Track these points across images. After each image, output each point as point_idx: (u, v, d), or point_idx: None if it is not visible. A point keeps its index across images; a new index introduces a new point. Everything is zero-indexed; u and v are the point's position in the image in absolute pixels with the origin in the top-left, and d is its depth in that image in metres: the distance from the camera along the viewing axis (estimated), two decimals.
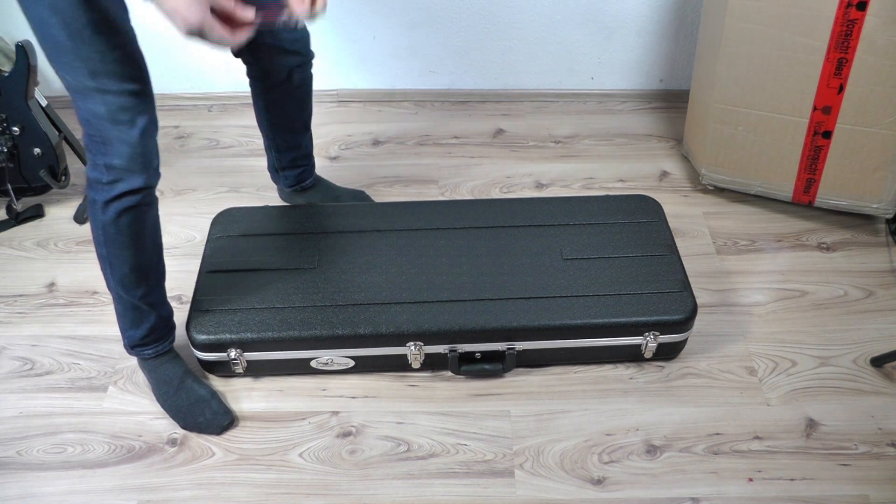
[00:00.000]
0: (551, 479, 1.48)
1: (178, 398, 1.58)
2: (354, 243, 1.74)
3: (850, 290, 1.82)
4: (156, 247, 1.47)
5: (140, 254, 1.43)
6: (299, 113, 1.83)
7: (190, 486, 1.48)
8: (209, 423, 1.56)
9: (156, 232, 1.45)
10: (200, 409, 1.57)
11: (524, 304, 1.60)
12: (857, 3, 1.62)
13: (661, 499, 1.45)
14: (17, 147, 1.94)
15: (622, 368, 1.67)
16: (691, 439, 1.54)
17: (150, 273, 1.48)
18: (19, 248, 1.98)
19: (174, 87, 2.43)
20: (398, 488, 1.47)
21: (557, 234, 1.75)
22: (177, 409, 1.58)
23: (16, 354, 1.72)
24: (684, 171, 2.18)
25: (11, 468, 1.52)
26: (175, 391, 1.58)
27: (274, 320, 1.58)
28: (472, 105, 2.44)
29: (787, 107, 1.82)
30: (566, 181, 2.15)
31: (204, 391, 1.59)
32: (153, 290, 1.51)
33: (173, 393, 1.58)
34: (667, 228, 1.77)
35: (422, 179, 2.17)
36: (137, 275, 1.45)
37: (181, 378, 1.59)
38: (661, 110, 2.41)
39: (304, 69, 1.74)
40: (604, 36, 2.31)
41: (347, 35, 2.32)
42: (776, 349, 1.70)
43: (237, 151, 2.28)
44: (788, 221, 2.01)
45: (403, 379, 1.66)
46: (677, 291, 1.62)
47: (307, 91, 1.80)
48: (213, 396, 1.59)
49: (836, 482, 1.47)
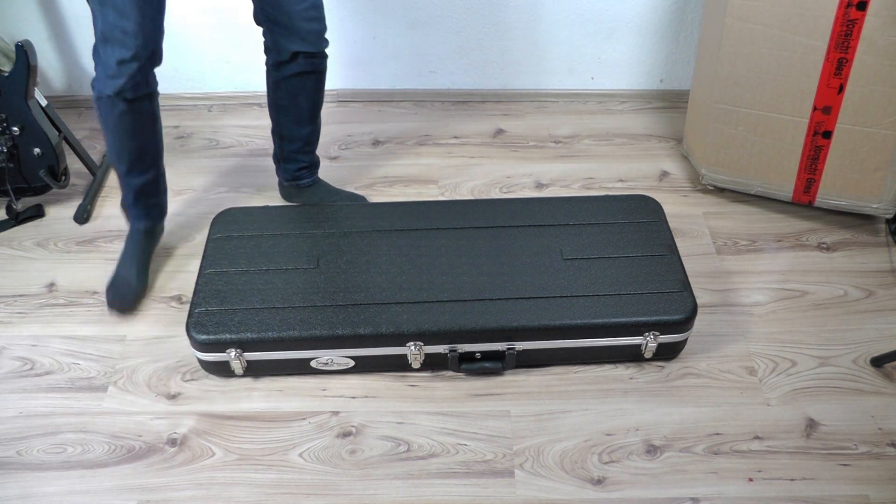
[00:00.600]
0: (551, 479, 1.48)
1: (120, 267, 1.83)
2: (354, 243, 1.74)
3: (850, 290, 1.82)
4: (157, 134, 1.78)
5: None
6: (304, 101, 1.84)
7: (190, 486, 1.48)
8: (112, 294, 1.80)
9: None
10: (119, 284, 1.80)
11: (524, 304, 1.60)
12: (857, 3, 1.62)
13: (661, 499, 1.45)
14: (17, 147, 1.94)
15: (622, 368, 1.67)
16: (691, 439, 1.54)
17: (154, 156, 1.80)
18: (19, 248, 1.98)
19: (174, 87, 2.43)
20: (398, 488, 1.47)
21: (557, 234, 1.75)
22: (113, 274, 1.83)
23: (16, 354, 1.72)
24: (684, 171, 2.18)
25: (11, 468, 1.52)
26: (124, 262, 1.83)
27: (274, 320, 1.58)
28: (472, 105, 2.44)
29: (787, 107, 1.82)
30: (566, 181, 2.15)
31: (134, 275, 1.81)
32: (156, 172, 1.82)
33: (121, 262, 1.83)
34: (667, 228, 1.77)
35: (422, 179, 2.17)
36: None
37: (134, 255, 1.84)
38: (661, 110, 2.41)
39: (312, 58, 1.76)
40: (604, 36, 2.31)
41: (347, 35, 2.32)
42: (776, 349, 1.70)
43: (237, 151, 2.28)
44: (788, 221, 2.01)
45: (403, 379, 1.66)
46: (677, 291, 1.62)
47: (314, 82, 1.81)
48: (139, 284, 1.82)
49: (836, 482, 1.47)
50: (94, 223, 2.05)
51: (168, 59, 2.35)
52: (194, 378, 1.67)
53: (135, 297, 1.81)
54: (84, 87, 2.40)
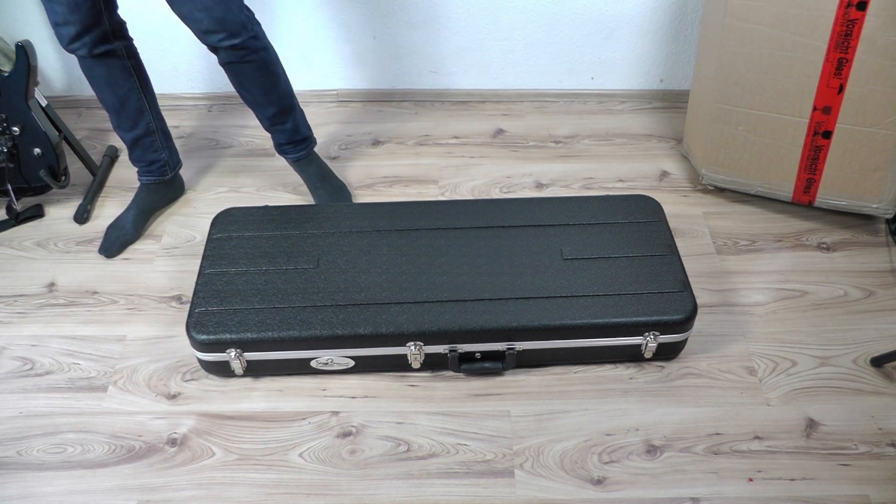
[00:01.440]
0: (551, 479, 1.48)
1: (117, 220, 2.00)
2: (354, 243, 1.74)
3: (850, 290, 1.82)
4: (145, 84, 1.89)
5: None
6: (250, 85, 1.82)
7: (190, 486, 1.48)
8: (104, 239, 1.95)
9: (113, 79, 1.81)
10: (113, 228, 1.97)
11: (524, 304, 1.60)
12: (857, 3, 1.62)
13: (661, 499, 1.45)
14: (17, 147, 1.94)
15: (622, 368, 1.67)
16: (691, 439, 1.54)
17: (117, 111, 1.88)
18: (19, 248, 1.98)
19: (174, 87, 2.43)
20: (398, 488, 1.47)
21: (557, 234, 1.75)
22: (110, 224, 1.99)
23: (16, 354, 1.73)
24: (684, 171, 2.18)
25: (11, 468, 1.52)
26: (122, 215, 2.00)
27: (274, 320, 1.58)
28: (472, 105, 2.44)
29: (787, 107, 1.82)
30: (566, 181, 2.15)
31: (128, 221, 1.98)
32: (125, 126, 1.91)
33: (121, 215, 2.00)
34: (667, 228, 1.77)
35: (422, 179, 2.17)
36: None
37: (131, 207, 2.00)
38: (661, 110, 2.41)
39: (231, 48, 1.71)
40: (604, 36, 2.31)
41: (347, 35, 2.32)
42: (776, 349, 1.70)
43: (237, 151, 2.28)
44: (788, 221, 2.01)
45: (403, 379, 1.66)
46: (677, 291, 1.62)
47: (251, 69, 1.78)
48: (134, 231, 1.97)
49: (836, 482, 1.47)
50: (94, 223, 2.05)
51: (168, 59, 2.36)
52: (194, 378, 1.67)
53: (122, 243, 1.96)
54: (84, 87, 2.40)
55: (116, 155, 2.26)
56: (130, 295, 1.85)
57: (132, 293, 1.85)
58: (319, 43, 2.34)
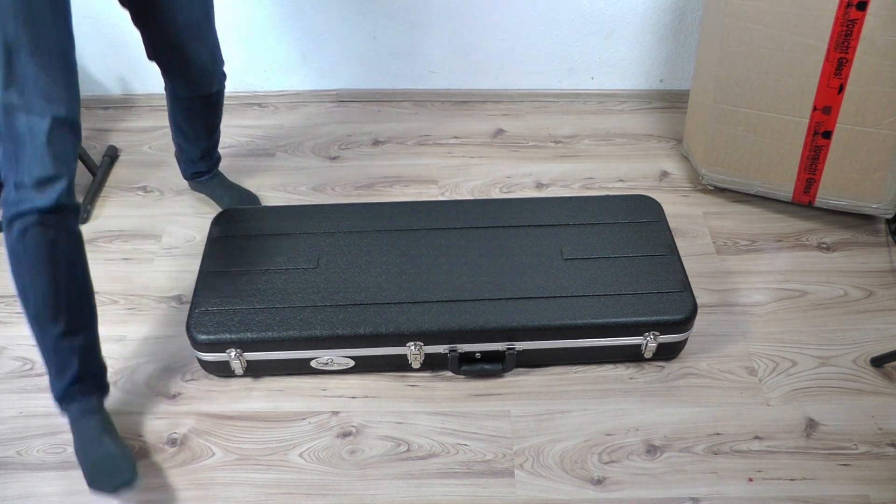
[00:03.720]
0: (551, 479, 1.48)
1: (92, 453, 1.43)
2: (354, 243, 1.74)
3: (850, 290, 1.82)
4: (73, 279, 1.36)
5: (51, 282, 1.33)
6: (201, 123, 1.91)
7: (190, 486, 1.48)
8: (108, 479, 1.40)
9: (73, 263, 1.35)
10: (106, 466, 1.41)
11: (524, 304, 1.60)
12: (857, 3, 1.62)
13: (661, 499, 1.45)
14: None
15: (622, 368, 1.67)
16: (691, 439, 1.54)
17: (69, 309, 1.37)
18: None
19: None
20: (398, 488, 1.47)
21: (557, 234, 1.75)
22: (87, 464, 1.43)
23: (16, 354, 1.72)
24: (684, 171, 2.18)
25: (11, 468, 1.52)
26: (92, 446, 1.44)
27: (274, 320, 1.58)
28: (472, 105, 2.44)
29: (787, 107, 1.82)
30: (566, 181, 2.15)
31: (115, 448, 1.43)
32: (74, 332, 1.39)
33: (90, 449, 1.44)
34: (667, 228, 1.77)
35: (422, 179, 2.17)
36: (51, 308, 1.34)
37: (100, 434, 1.45)
38: (661, 110, 2.41)
39: (207, 97, 1.82)
40: (604, 36, 2.31)
41: (347, 35, 2.32)
42: (776, 349, 1.70)
43: (237, 151, 2.28)
44: (788, 221, 2.01)
45: (403, 379, 1.66)
46: (677, 291, 1.62)
47: (213, 108, 1.88)
48: (124, 454, 1.43)
49: (836, 482, 1.47)
50: (94, 223, 2.04)
51: None
52: (194, 378, 1.67)
53: (132, 468, 1.43)
54: (84, 87, 2.40)
55: (116, 155, 2.26)
56: (130, 295, 1.85)
57: (132, 293, 1.85)
58: (319, 43, 2.34)
